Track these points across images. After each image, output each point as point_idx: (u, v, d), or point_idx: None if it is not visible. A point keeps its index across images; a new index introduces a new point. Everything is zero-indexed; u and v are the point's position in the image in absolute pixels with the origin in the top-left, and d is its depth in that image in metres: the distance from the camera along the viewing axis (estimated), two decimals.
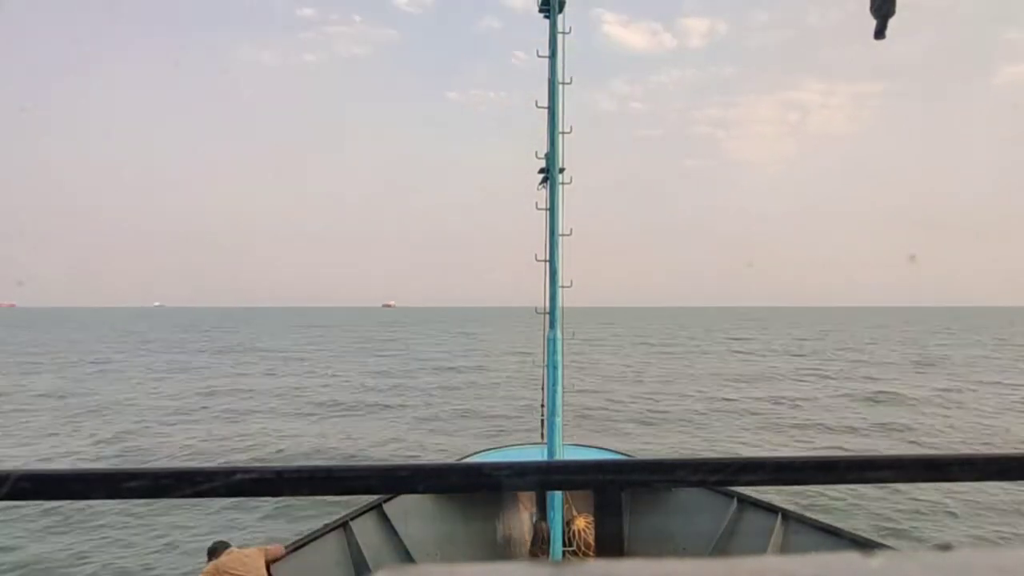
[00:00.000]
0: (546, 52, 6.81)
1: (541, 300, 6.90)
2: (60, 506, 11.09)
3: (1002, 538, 10.79)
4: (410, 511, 7.47)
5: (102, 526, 11.05)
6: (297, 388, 29.40)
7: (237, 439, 18.57)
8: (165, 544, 10.44)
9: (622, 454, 10.15)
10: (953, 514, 11.81)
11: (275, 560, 5.98)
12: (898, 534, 10.83)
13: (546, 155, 6.84)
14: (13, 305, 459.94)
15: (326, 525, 6.92)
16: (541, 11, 6.84)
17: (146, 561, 9.88)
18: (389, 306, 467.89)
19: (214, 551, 5.89)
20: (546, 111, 6.77)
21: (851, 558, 0.47)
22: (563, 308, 6.79)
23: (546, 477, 0.97)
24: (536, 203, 6.93)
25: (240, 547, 6.06)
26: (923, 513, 11.84)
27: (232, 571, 5.58)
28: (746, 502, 7.29)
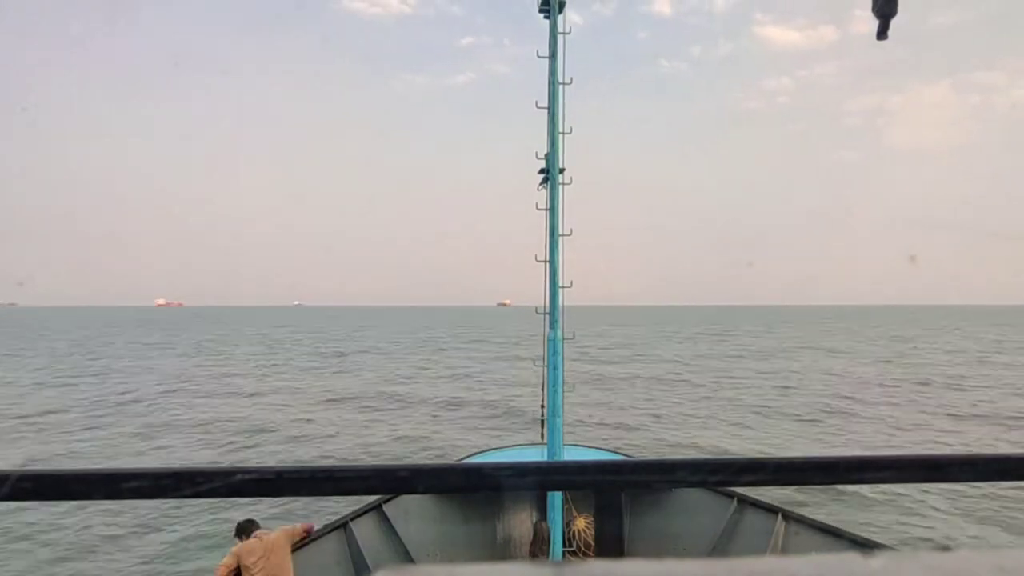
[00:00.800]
0: (546, 52, 6.81)
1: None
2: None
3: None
4: (410, 511, 7.48)
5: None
6: None
7: None
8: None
9: (622, 454, 10.15)
10: None
11: (296, 540, 6.05)
12: None
13: (546, 155, 6.84)
14: (181, 304, 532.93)
15: (326, 525, 6.93)
16: (541, 11, 6.84)
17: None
18: (505, 305, 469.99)
19: (243, 530, 5.92)
20: (546, 111, 6.77)
21: (851, 559, 0.47)
22: (563, 308, 6.80)
23: (546, 478, 0.96)
24: (536, 203, 6.94)
25: (266, 531, 6.08)
26: None
27: (250, 562, 5.62)
28: (746, 502, 7.29)
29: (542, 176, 6.95)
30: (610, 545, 0.94)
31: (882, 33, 3.94)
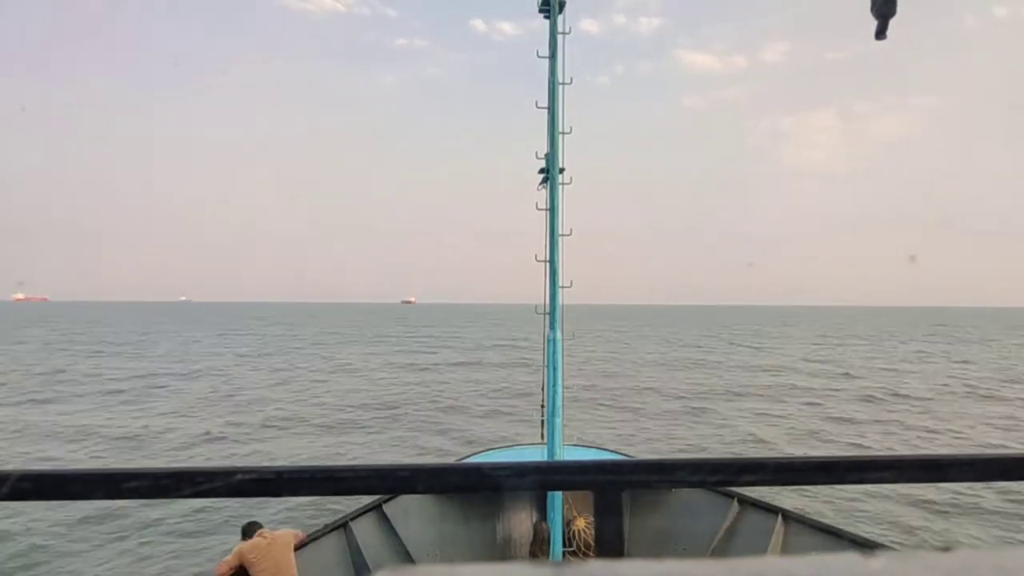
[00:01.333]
0: (546, 52, 6.80)
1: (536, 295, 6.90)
2: None
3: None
4: (410, 511, 7.47)
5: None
6: None
7: None
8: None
9: (622, 454, 10.15)
10: None
11: (297, 545, 6.05)
12: None
13: (546, 155, 6.84)
14: (45, 299, 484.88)
15: (326, 525, 6.92)
16: (541, 11, 6.84)
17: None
18: (409, 302, 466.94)
19: (247, 531, 5.91)
20: (546, 111, 6.77)
21: (851, 559, 0.47)
22: (563, 308, 6.79)
23: (546, 478, 0.96)
24: (536, 203, 6.93)
25: (271, 529, 6.09)
26: None
27: (253, 558, 5.62)
28: (746, 502, 7.29)
29: (542, 176, 6.95)
30: (610, 545, 0.94)
31: (881, 33, 3.94)
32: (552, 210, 6.69)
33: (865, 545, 6.60)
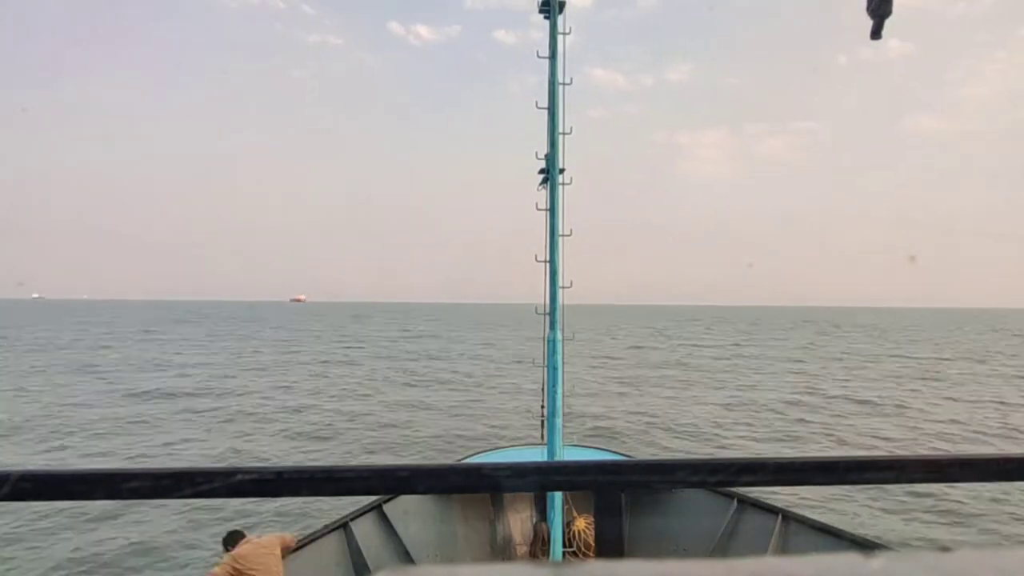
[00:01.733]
0: (546, 53, 6.81)
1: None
2: None
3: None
4: (410, 511, 7.47)
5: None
6: None
7: None
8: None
9: (622, 455, 10.15)
10: None
11: (287, 550, 6.03)
12: None
13: (546, 156, 6.84)
14: None
15: (326, 525, 6.92)
16: (541, 11, 6.85)
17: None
18: (299, 300, 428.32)
19: (230, 541, 5.91)
20: (546, 112, 6.77)
21: (851, 559, 0.47)
22: (563, 308, 6.79)
23: (546, 478, 0.97)
24: (536, 204, 6.93)
25: (257, 536, 6.10)
26: None
27: (247, 564, 5.61)
28: (746, 503, 7.29)
29: (542, 176, 6.95)
30: (610, 545, 0.94)
31: (876, 33, 3.92)
32: (552, 210, 6.69)
33: (865, 545, 6.60)
